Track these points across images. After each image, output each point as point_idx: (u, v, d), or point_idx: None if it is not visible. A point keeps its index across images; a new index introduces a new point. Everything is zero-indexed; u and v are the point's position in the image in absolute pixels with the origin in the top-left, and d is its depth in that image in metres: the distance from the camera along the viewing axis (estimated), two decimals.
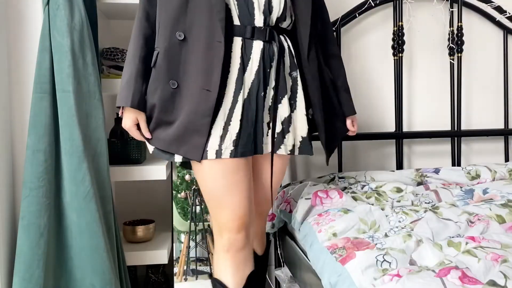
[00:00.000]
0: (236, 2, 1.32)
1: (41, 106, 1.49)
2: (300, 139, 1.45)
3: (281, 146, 1.42)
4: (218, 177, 1.33)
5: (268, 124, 1.39)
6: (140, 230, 1.91)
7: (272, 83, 1.38)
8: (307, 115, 1.46)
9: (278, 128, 1.40)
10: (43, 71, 1.50)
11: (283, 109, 1.40)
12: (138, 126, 1.37)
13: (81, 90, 1.53)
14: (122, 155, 1.83)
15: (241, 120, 1.32)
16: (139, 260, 1.83)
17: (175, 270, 1.91)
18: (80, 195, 1.49)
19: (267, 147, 1.40)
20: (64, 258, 1.54)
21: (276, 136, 1.40)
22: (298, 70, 1.44)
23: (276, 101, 1.39)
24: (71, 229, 1.52)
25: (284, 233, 1.88)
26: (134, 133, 1.37)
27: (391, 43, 2.20)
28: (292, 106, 1.43)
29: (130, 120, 1.35)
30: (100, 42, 1.79)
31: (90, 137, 1.56)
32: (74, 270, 1.53)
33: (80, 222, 1.50)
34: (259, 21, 1.34)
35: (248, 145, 1.34)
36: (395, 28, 2.19)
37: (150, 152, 1.40)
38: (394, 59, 2.21)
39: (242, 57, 1.33)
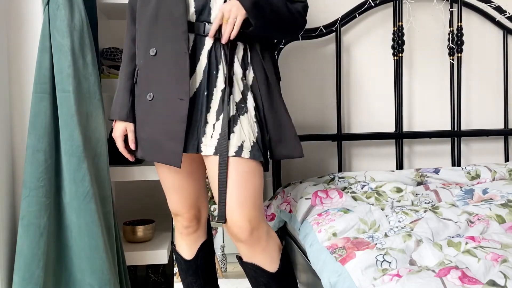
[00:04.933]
0: (194, 3, 1.35)
1: (41, 106, 1.49)
2: (252, 143, 1.35)
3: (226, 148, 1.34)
4: (161, 175, 1.51)
5: (214, 125, 1.35)
6: (140, 230, 1.91)
7: (222, 85, 1.36)
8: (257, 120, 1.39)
9: (218, 130, 1.35)
10: (43, 71, 1.50)
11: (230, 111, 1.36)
12: (126, 137, 1.48)
13: (81, 90, 1.53)
14: (122, 155, 1.82)
15: None
16: (139, 260, 1.83)
17: (175, 270, 1.90)
18: (80, 195, 1.49)
19: (207, 148, 1.36)
20: (63, 258, 1.54)
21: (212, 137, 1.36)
22: (253, 75, 1.40)
23: (223, 102, 1.35)
24: (70, 229, 1.52)
25: (284, 233, 1.88)
26: (119, 144, 1.49)
27: (391, 43, 2.20)
28: (242, 109, 1.37)
29: (119, 129, 1.47)
30: (100, 42, 1.80)
31: (90, 137, 1.56)
32: (74, 270, 1.53)
33: (79, 222, 1.50)
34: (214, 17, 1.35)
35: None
36: (395, 28, 2.19)
37: (131, 160, 1.53)
38: (394, 59, 2.21)
39: (191, 56, 1.34)
